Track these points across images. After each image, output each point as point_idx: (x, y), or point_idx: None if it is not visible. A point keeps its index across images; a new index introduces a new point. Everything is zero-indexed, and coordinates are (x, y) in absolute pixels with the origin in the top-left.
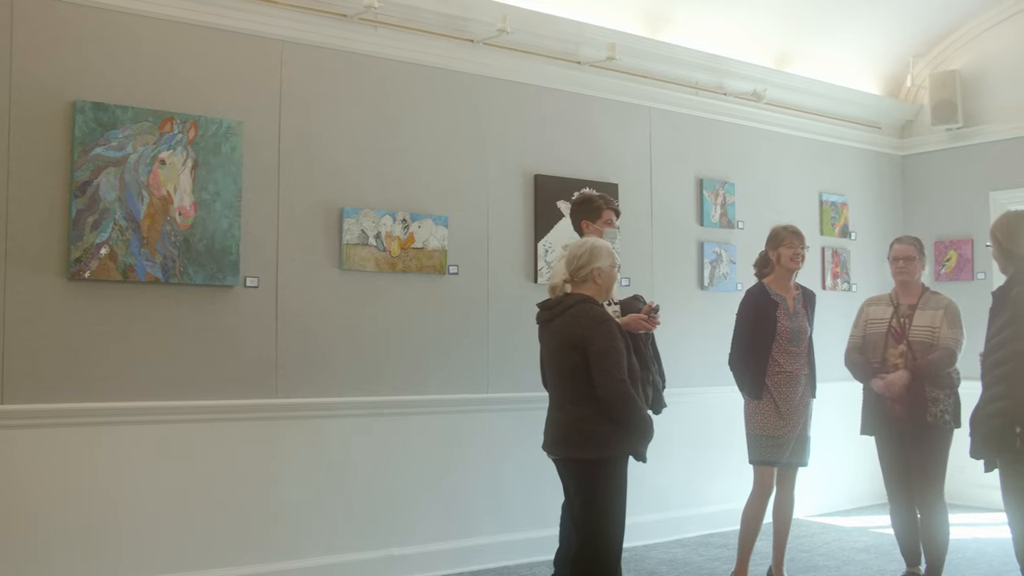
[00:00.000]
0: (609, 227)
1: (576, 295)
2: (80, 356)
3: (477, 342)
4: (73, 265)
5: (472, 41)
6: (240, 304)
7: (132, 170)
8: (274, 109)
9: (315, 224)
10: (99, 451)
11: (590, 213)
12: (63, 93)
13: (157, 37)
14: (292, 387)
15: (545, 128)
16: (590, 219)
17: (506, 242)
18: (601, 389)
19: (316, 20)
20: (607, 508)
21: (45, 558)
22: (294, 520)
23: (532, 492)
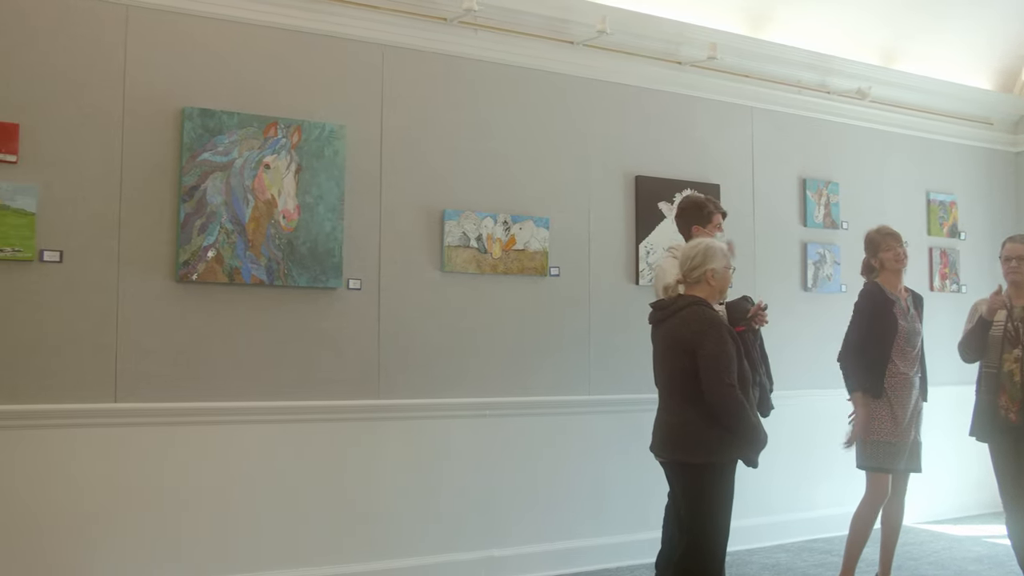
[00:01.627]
0: (719, 231)
1: (689, 296)
2: (187, 357)
3: (578, 344)
4: (181, 268)
5: (572, 43)
6: (343, 306)
7: (238, 174)
8: (376, 113)
9: (417, 226)
10: (205, 450)
11: (701, 218)
12: (172, 101)
13: (262, 44)
14: (394, 388)
15: (646, 129)
16: (700, 224)
17: (607, 243)
18: (709, 394)
19: (417, 24)
20: (713, 513)
21: (151, 553)
22: (395, 520)
23: (634, 494)
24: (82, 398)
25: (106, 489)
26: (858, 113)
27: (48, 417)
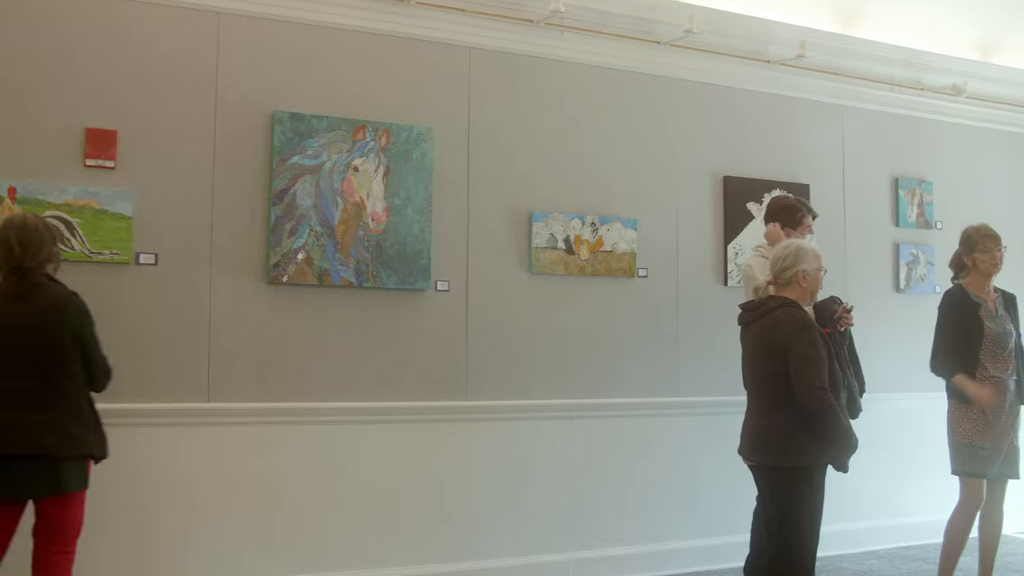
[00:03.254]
0: (809, 232)
1: (779, 298)
2: (278, 357)
3: (667, 345)
4: (272, 270)
5: (659, 43)
6: (431, 307)
7: (327, 177)
8: (463, 115)
9: (504, 228)
10: (294, 450)
11: (792, 220)
12: (263, 105)
13: (350, 48)
14: (482, 390)
15: (734, 129)
16: (791, 226)
17: (695, 244)
18: (800, 396)
19: (503, 26)
20: (803, 518)
21: (242, 551)
22: (484, 521)
23: (723, 497)
24: (176, 397)
25: (199, 487)
26: (953, 110)
27: (144, 416)
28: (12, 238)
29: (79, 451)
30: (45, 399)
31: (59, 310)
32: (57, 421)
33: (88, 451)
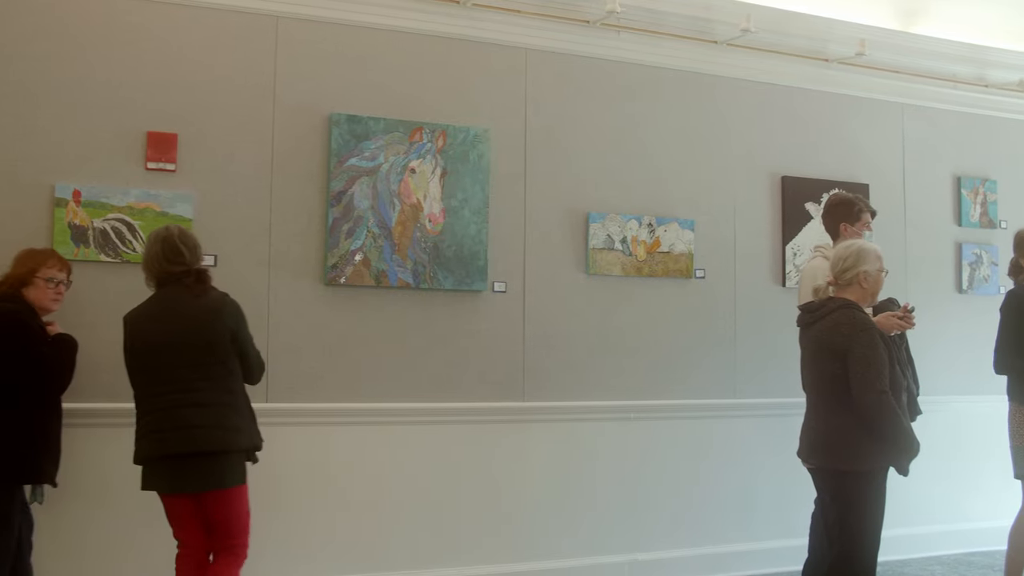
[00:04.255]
0: (867, 229)
1: (839, 299)
2: (336, 358)
3: (724, 347)
4: (330, 271)
5: (715, 42)
6: (488, 309)
7: (384, 179)
8: (520, 116)
9: (561, 229)
10: (352, 450)
11: (849, 216)
12: (320, 108)
13: (407, 50)
14: (539, 391)
15: (792, 128)
16: (849, 222)
17: (753, 245)
18: (859, 399)
19: (559, 27)
20: (863, 522)
21: (295, 550)
22: (540, 522)
23: (781, 500)
24: None
25: (259, 487)
26: (1018, 106)
27: None
28: (179, 244)
29: (242, 444)
30: (212, 396)
31: (219, 311)
32: (224, 416)
33: (251, 443)
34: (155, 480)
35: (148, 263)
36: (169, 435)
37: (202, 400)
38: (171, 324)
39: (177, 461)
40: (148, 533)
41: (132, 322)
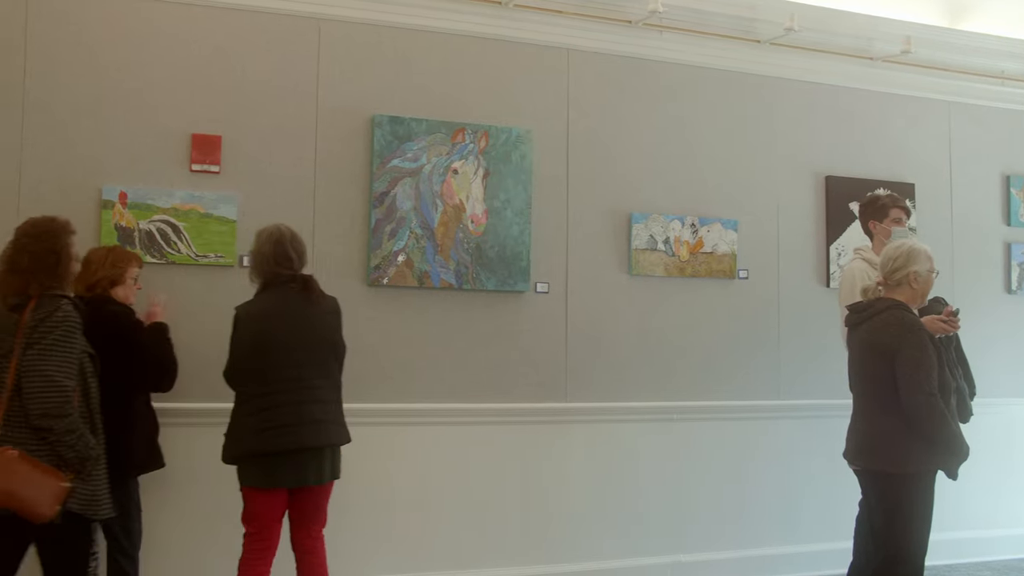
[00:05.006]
0: (898, 225)
1: (888, 300)
2: (379, 359)
3: (768, 347)
4: (372, 272)
5: (759, 42)
6: (531, 309)
7: (427, 180)
8: (562, 117)
9: (604, 229)
10: (394, 450)
11: (876, 212)
12: (363, 109)
13: (448, 51)
14: (581, 391)
15: (836, 128)
16: (877, 218)
17: (797, 245)
18: (907, 401)
19: (601, 27)
20: (911, 525)
21: (333, 550)
22: (582, 523)
23: (825, 502)
24: None
25: None
26: None
27: None
28: (289, 250)
29: (346, 439)
30: (328, 393)
31: (337, 313)
32: (337, 413)
33: (349, 438)
34: (272, 474)
35: (257, 262)
36: (298, 429)
37: (322, 397)
38: (296, 322)
39: (306, 455)
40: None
41: (252, 319)
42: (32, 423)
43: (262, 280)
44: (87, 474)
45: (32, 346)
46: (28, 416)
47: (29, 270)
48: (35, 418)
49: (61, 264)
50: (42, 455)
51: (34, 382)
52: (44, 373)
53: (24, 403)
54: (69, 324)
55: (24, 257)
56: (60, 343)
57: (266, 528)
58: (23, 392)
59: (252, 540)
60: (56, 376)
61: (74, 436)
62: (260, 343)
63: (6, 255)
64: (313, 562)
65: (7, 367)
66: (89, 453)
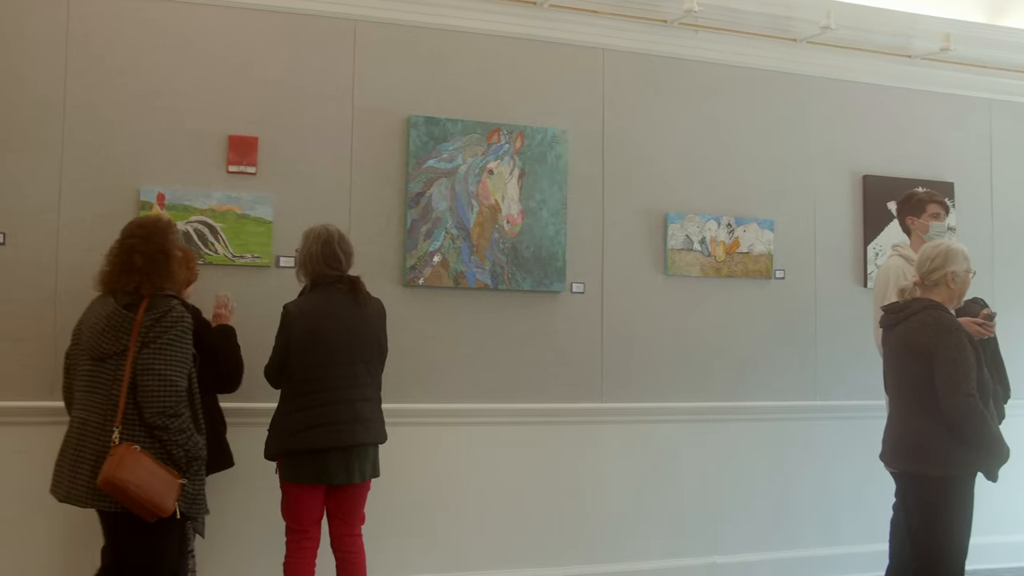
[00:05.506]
0: (936, 220)
1: (924, 300)
2: (414, 359)
3: (804, 348)
4: (408, 272)
5: (795, 40)
6: (566, 310)
7: (462, 180)
8: (597, 117)
9: (639, 229)
10: (430, 450)
11: (913, 208)
12: (398, 110)
13: (483, 51)
14: (617, 392)
15: (874, 126)
16: (914, 215)
17: (834, 245)
18: (946, 402)
19: (637, 27)
20: (950, 529)
21: (373, 548)
22: (617, 523)
23: (863, 504)
24: None
25: None
26: None
27: None
28: (338, 251)
29: (385, 438)
30: (374, 392)
31: (384, 313)
32: (380, 411)
33: (387, 437)
34: (324, 470)
35: (305, 261)
36: (352, 427)
37: (368, 395)
38: (349, 322)
39: (354, 452)
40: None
41: (306, 317)
42: (148, 421)
43: (310, 279)
44: (193, 473)
45: (148, 345)
46: (143, 414)
47: (143, 270)
48: (151, 416)
49: (171, 263)
50: (154, 453)
51: (151, 381)
52: (161, 373)
53: (139, 401)
54: (183, 325)
55: (137, 257)
56: (175, 343)
57: (313, 524)
58: (139, 390)
59: (298, 537)
60: (172, 376)
61: (185, 435)
62: (316, 341)
63: (114, 255)
64: (354, 561)
65: (122, 365)
66: (198, 452)
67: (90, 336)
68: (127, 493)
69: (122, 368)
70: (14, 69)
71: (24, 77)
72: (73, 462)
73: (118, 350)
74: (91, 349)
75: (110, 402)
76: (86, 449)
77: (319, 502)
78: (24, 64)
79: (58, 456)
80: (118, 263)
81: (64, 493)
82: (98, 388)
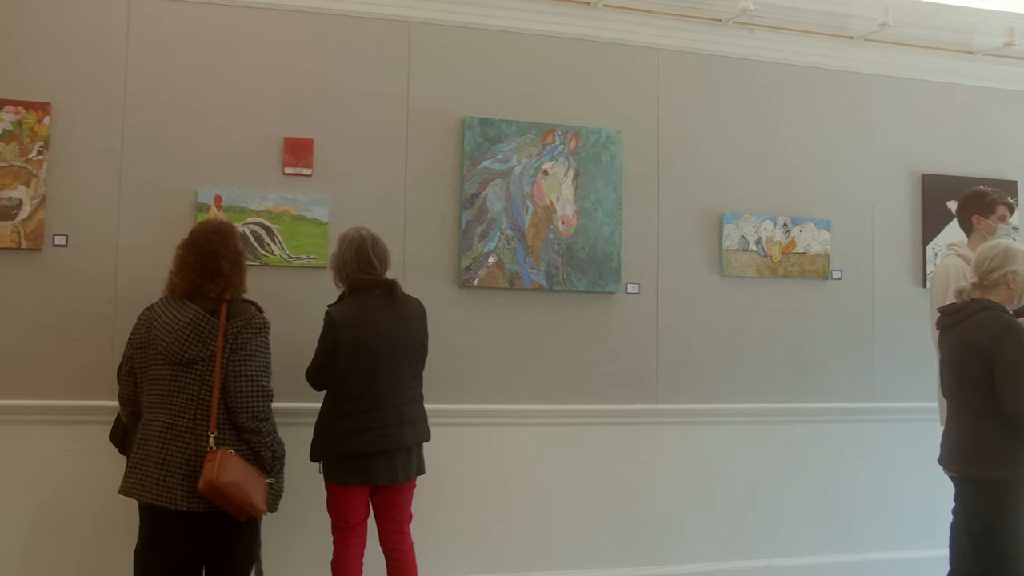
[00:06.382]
0: (1003, 223)
1: (982, 300)
2: (469, 360)
3: (861, 349)
4: (463, 273)
5: (852, 38)
6: (621, 310)
7: (517, 181)
8: (652, 117)
9: (695, 230)
10: (485, 451)
11: (982, 208)
12: (453, 111)
13: (538, 52)
14: (672, 393)
15: (933, 124)
16: (982, 214)
17: (892, 245)
18: (1008, 403)
19: (691, 26)
20: (1012, 535)
21: (426, 550)
22: (672, 525)
23: (922, 508)
24: None
25: None
26: None
27: None
28: (371, 256)
29: (429, 436)
30: (418, 393)
31: (422, 315)
32: (423, 410)
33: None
34: (370, 472)
35: (340, 267)
36: (399, 430)
37: (413, 397)
38: (392, 326)
39: (400, 452)
40: None
41: (350, 323)
42: (242, 425)
43: (347, 285)
44: (277, 471)
45: (237, 351)
46: (235, 418)
47: (228, 274)
48: (246, 421)
49: (245, 267)
50: (242, 454)
51: (245, 387)
52: (254, 378)
53: (231, 406)
54: (267, 329)
55: (223, 263)
56: (261, 348)
57: (360, 523)
58: (231, 396)
59: (346, 535)
60: (262, 380)
61: (272, 436)
62: (361, 348)
63: (195, 259)
64: (404, 559)
65: (210, 370)
66: (282, 452)
67: (170, 341)
68: (228, 496)
69: (210, 373)
70: (76, 73)
71: (85, 81)
72: (161, 465)
73: (205, 355)
74: (173, 354)
75: (198, 407)
76: (175, 453)
77: (364, 501)
78: (85, 68)
79: (135, 458)
80: (200, 268)
81: (152, 495)
82: (181, 393)
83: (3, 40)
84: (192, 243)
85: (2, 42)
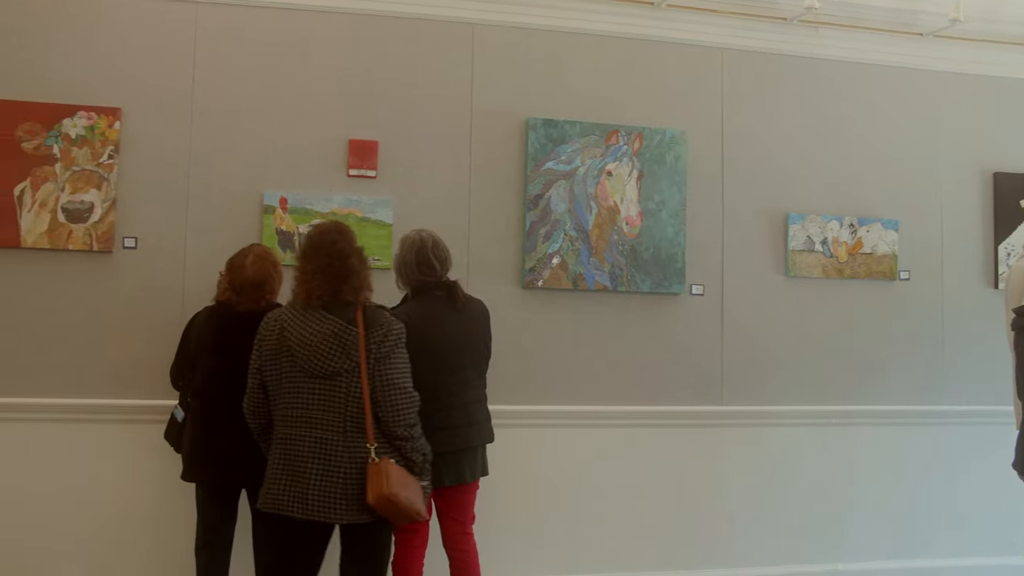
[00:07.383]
0: None
1: None
2: (534, 361)
3: (930, 351)
4: (527, 274)
5: (920, 34)
6: (686, 312)
7: (581, 182)
8: (716, 117)
9: (760, 230)
10: (550, 452)
11: None
12: (517, 112)
13: (601, 53)
14: (737, 395)
15: (1005, 122)
16: None
17: (961, 245)
18: None
19: (756, 26)
20: None
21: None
22: (736, 527)
23: (996, 514)
24: None
25: None
26: None
27: None
28: (431, 258)
29: (493, 437)
30: (482, 393)
31: (485, 315)
32: (487, 410)
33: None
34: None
35: (401, 269)
36: (468, 430)
37: (479, 397)
38: (457, 327)
39: (467, 453)
40: None
41: (412, 327)
42: (394, 433)
43: (409, 287)
44: (427, 474)
45: (382, 361)
46: (387, 427)
47: (359, 271)
48: (400, 429)
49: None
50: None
51: (395, 396)
52: (402, 387)
53: (383, 416)
54: (404, 336)
55: (352, 259)
56: (403, 355)
57: (423, 525)
58: (382, 406)
59: (408, 536)
60: (409, 388)
61: (421, 441)
62: (428, 350)
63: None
64: (468, 560)
65: (356, 382)
66: (431, 454)
67: (310, 354)
68: (399, 506)
69: (356, 384)
70: (145, 78)
71: (154, 86)
72: (319, 481)
73: (348, 367)
74: (314, 368)
75: (347, 419)
76: (332, 467)
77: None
78: (154, 73)
79: (276, 473)
80: (332, 270)
81: (310, 510)
82: (326, 406)
83: (76, 48)
84: (315, 247)
85: (75, 50)
